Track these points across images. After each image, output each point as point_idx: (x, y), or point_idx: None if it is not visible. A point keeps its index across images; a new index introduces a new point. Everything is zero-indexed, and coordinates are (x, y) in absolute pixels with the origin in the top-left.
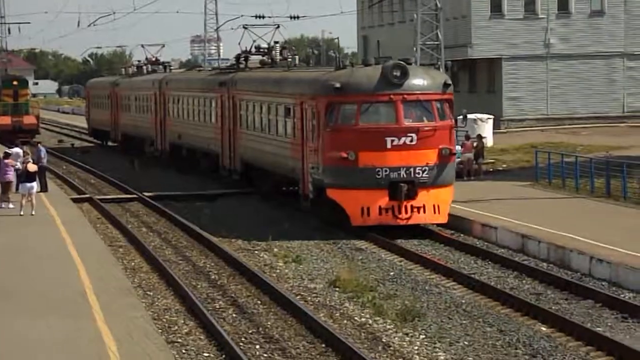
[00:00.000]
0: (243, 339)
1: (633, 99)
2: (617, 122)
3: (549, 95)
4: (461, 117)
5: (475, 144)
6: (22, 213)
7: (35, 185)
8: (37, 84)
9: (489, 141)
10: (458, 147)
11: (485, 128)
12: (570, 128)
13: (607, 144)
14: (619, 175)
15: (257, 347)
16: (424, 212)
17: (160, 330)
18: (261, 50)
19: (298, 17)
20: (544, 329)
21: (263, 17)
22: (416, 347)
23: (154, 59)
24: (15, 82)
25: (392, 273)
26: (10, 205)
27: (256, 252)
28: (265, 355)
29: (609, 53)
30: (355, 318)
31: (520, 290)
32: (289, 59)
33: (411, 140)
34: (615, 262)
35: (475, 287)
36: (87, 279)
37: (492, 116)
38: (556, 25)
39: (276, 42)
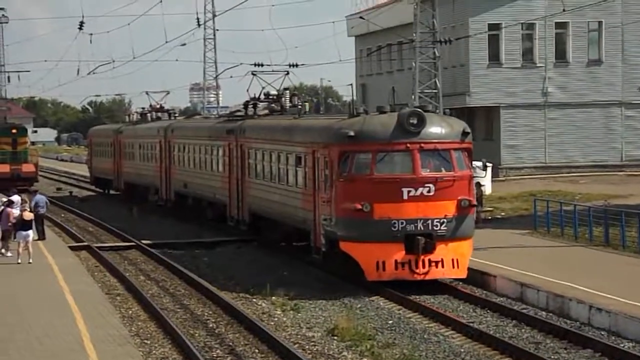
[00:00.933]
0: None
1: (631, 148)
2: (616, 170)
3: (547, 144)
4: (481, 165)
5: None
6: (19, 261)
7: (31, 233)
8: (36, 132)
9: (487, 189)
10: None
11: (484, 176)
12: (568, 176)
13: (606, 193)
14: (618, 224)
15: None
16: (443, 266)
17: None
18: (270, 97)
19: (297, 65)
20: None
21: (262, 65)
22: None
23: (158, 106)
24: (14, 131)
25: (390, 321)
26: (8, 254)
27: (254, 300)
28: None
29: (606, 102)
30: None
31: (520, 339)
32: (299, 106)
33: (429, 191)
34: (614, 311)
35: (474, 336)
36: (84, 327)
37: (490, 164)
38: (554, 74)
39: (286, 89)
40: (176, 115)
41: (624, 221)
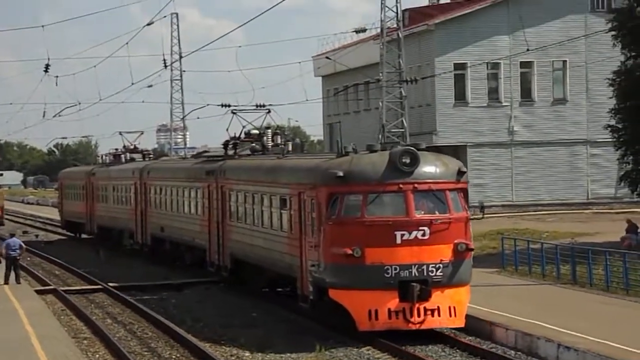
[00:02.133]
0: None
1: (597, 186)
2: (582, 208)
3: (514, 182)
4: (478, 207)
5: None
6: None
7: None
8: (1, 175)
9: None
10: None
11: None
12: (535, 214)
13: (573, 231)
14: (585, 262)
15: None
16: (439, 315)
17: None
18: (251, 136)
19: (264, 106)
20: None
21: (229, 105)
22: None
23: (132, 147)
24: None
25: None
26: None
27: (222, 341)
28: None
29: (572, 140)
30: None
31: None
32: (282, 145)
33: (423, 235)
34: (582, 349)
35: None
36: None
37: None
38: (520, 113)
39: (267, 128)
40: (151, 156)
41: (591, 259)
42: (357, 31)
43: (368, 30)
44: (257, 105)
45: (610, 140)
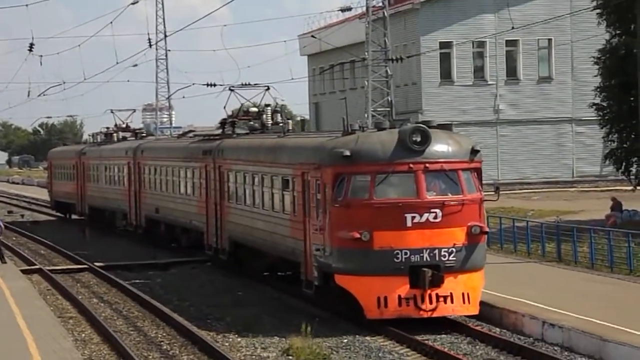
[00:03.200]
0: None
1: (582, 164)
2: (567, 186)
3: (499, 160)
4: (493, 188)
5: None
6: None
7: None
8: None
9: None
10: None
11: None
12: (521, 193)
13: (558, 209)
14: (570, 240)
15: None
16: (452, 301)
17: None
18: (249, 114)
19: (250, 84)
20: None
21: (215, 85)
22: None
23: (124, 126)
24: None
25: (345, 340)
26: None
27: (209, 321)
28: None
29: (557, 119)
30: None
31: (474, 356)
32: (282, 124)
33: (435, 217)
34: (567, 326)
35: (429, 353)
36: (36, 352)
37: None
38: (505, 92)
39: (267, 105)
40: (143, 135)
41: (576, 237)
42: (343, 10)
43: (354, 8)
44: (242, 84)
45: (595, 118)
